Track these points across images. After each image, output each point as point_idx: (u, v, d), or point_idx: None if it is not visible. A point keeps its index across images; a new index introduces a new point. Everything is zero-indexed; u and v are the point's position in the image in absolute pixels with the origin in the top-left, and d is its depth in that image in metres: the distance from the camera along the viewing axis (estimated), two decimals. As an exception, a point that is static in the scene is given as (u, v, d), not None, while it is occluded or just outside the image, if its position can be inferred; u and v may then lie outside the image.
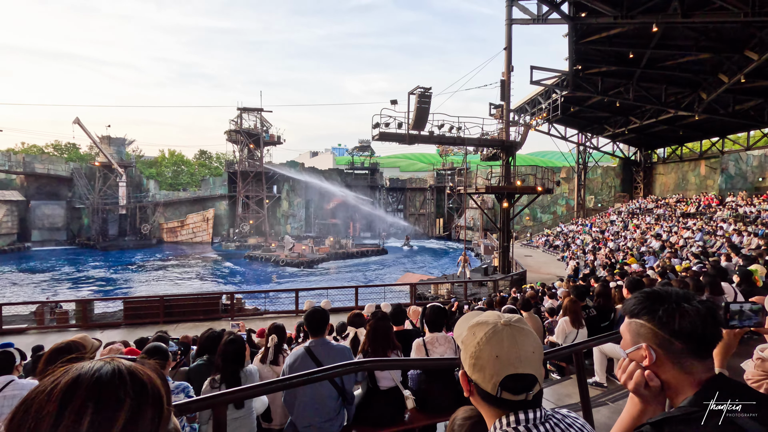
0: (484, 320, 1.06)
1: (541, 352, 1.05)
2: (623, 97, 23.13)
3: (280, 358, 3.77)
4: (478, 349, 1.00)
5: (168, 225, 44.57)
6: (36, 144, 53.93)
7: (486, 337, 1.01)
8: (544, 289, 12.05)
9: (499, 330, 1.01)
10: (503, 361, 0.97)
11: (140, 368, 0.64)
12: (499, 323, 1.03)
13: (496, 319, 1.05)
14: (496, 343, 0.99)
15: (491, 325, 1.03)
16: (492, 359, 0.98)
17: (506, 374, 0.97)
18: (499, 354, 0.98)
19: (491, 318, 1.05)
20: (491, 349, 0.99)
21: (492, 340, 1.00)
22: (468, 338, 1.04)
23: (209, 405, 1.83)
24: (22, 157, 40.04)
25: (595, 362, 4.88)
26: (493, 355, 0.98)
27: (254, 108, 43.06)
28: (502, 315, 1.07)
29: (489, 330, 1.02)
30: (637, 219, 28.04)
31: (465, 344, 1.05)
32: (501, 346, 0.99)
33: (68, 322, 12.45)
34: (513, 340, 1.00)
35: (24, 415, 0.56)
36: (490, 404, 1.00)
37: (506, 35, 19.20)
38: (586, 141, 36.57)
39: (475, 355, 1.00)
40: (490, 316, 1.07)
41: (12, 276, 28.62)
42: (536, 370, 1.00)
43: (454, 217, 50.47)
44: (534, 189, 19.12)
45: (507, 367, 0.97)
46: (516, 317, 1.06)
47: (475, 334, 1.03)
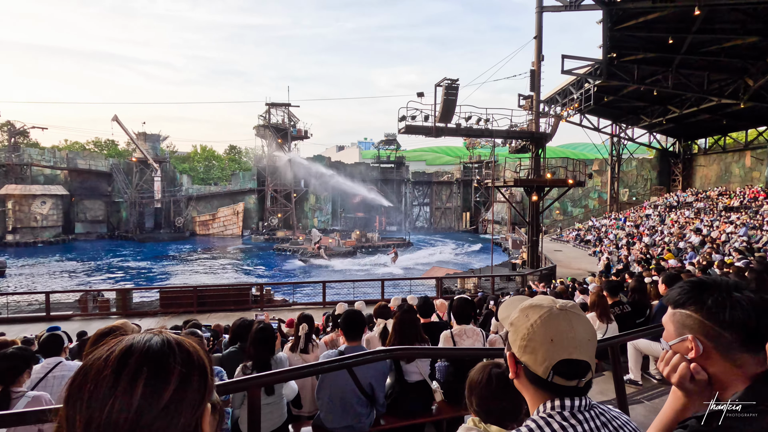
0: (538, 303, 1.04)
1: (595, 340, 1.02)
2: (661, 85, 22.08)
3: (310, 347, 3.84)
4: (531, 331, 0.98)
5: (200, 218, 46.05)
6: (78, 141, 56.72)
7: (541, 320, 0.99)
8: (574, 284, 11.73)
9: (556, 314, 0.99)
10: (558, 345, 0.96)
11: (186, 340, 0.67)
12: (554, 307, 1.01)
13: (551, 303, 1.03)
14: (551, 327, 0.97)
15: (546, 309, 1.01)
16: (546, 342, 0.96)
17: (560, 359, 0.95)
18: (555, 338, 0.96)
19: (545, 302, 1.03)
20: (546, 332, 0.97)
21: (547, 323, 0.98)
22: (520, 320, 1.02)
23: (245, 387, 1.90)
24: (65, 154, 42.24)
25: (629, 359, 4.73)
26: (548, 338, 0.96)
27: (282, 103, 43.71)
28: (557, 300, 1.05)
29: (544, 313, 1.00)
30: (675, 213, 26.81)
31: (516, 326, 1.03)
32: (557, 329, 0.97)
33: (109, 310, 13.10)
34: (570, 324, 0.98)
35: (83, 378, 0.60)
36: (537, 387, 0.98)
37: (536, 23, 18.64)
38: (621, 132, 35.17)
39: (528, 337, 0.98)
40: (544, 299, 1.05)
41: (58, 266, 30.35)
42: (590, 358, 0.98)
43: (481, 211, 49.78)
44: (565, 182, 18.59)
45: (561, 352, 0.95)
46: (571, 303, 1.04)
47: (528, 317, 1.01)
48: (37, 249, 35.81)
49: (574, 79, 24.75)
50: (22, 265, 29.83)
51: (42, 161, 39.87)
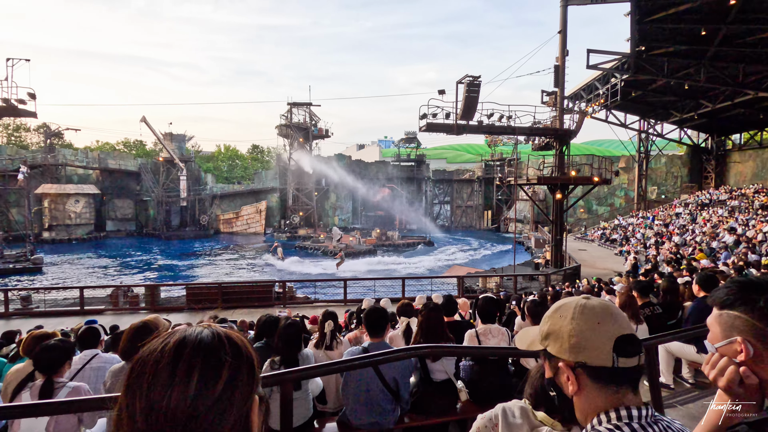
0: (562, 303, 1.01)
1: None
2: (693, 78, 21.25)
3: (334, 343, 3.87)
4: (574, 326, 0.94)
5: (224, 216, 47.05)
6: (108, 141, 58.79)
7: (578, 313, 0.95)
8: (600, 284, 11.45)
9: (588, 303, 0.97)
10: (607, 325, 0.92)
11: (235, 333, 0.69)
12: (580, 299, 0.99)
13: (576, 298, 1.00)
14: (591, 315, 0.94)
15: (575, 302, 0.98)
16: (595, 327, 0.92)
17: (618, 334, 0.91)
18: (600, 320, 0.93)
19: (570, 300, 1.00)
20: (589, 319, 0.94)
21: (585, 312, 0.95)
22: (556, 324, 0.98)
23: (278, 381, 1.95)
24: (97, 154, 43.85)
25: (660, 362, 4.58)
26: (595, 323, 0.93)
27: (303, 102, 44.16)
28: (578, 297, 1.02)
29: (577, 306, 0.97)
30: (708, 211, 25.80)
31: (556, 332, 0.97)
32: (598, 315, 0.94)
33: (138, 305, 13.55)
34: (606, 308, 0.96)
35: (142, 368, 0.62)
36: (603, 384, 0.91)
37: (561, 17, 18.22)
38: (649, 128, 34.03)
39: (575, 333, 0.93)
40: (567, 299, 1.02)
41: (91, 262, 31.57)
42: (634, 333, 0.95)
43: (503, 210, 49.10)
44: (590, 179, 18.14)
45: (614, 329, 0.92)
46: (591, 297, 1.02)
47: (563, 317, 0.97)
48: (71, 246, 37.29)
49: (599, 74, 24.10)
50: (57, 261, 31.15)
51: (75, 161, 41.48)
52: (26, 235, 30.51)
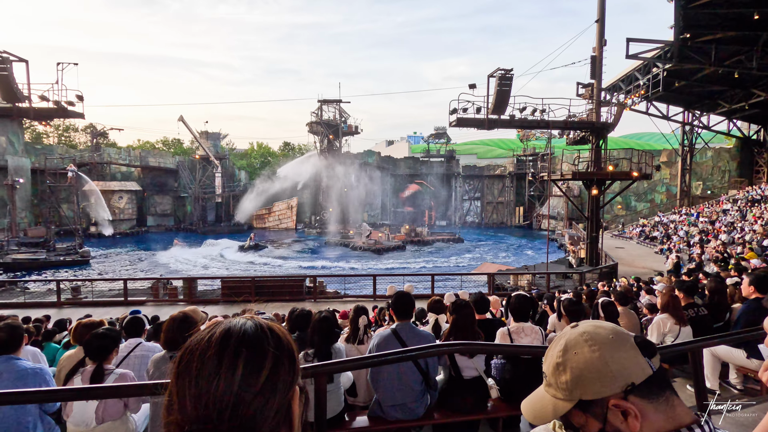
0: (561, 342, 0.89)
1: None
2: (744, 66, 19.95)
3: (365, 338, 3.92)
4: (601, 353, 0.82)
5: (257, 212, 48.31)
6: (149, 140, 61.48)
7: (590, 340, 0.84)
8: (639, 283, 10.99)
9: (587, 329, 0.87)
10: (622, 337, 0.84)
11: (276, 325, 0.71)
12: (572, 330, 0.89)
13: (566, 331, 0.90)
14: (603, 335, 0.84)
15: (573, 335, 0.88)
16: (616, 345, 0.83)
17: (631, 341, 0.84)
18: (614, 335, 0.84)
19: (563, 337, 0.90)
20: (605, 341, 0.83)
21: (595, 336, 0.84)
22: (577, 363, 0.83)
23: (314, 374, 2.00)
24: (138, 153, 46.05)
25: (705, 366, 4.36)
26: (612, 341, 0.83)
27: (333, 100, 44.58)
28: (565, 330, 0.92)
29: (581, 336, 0.86)
30: (759, 208, 24.22)
31: (584, 371, 0.82)
32: (607, 332, 0.85)
33: (177, 297, 14.15)
34: (603, 324, 0.88)
35: (190, 357, 0.65)
36: (654, 399, 0.79)
37: (599, 6, 17.52)
38: (694, 120, 32.24)
39: (606, 360, 0.81)
40: (556, 339, 0.92)
41: (136, 255, 33.22)
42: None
43: (536, 206, 47.92)
44: (629, 174, 17.41)
45: (627, 337, 0.85)
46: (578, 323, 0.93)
47: (578, 353, 0.84)
48: (116, 240, 39.35)
49: (640, 64, 23.04)
50: (103, 254, 32.95)
51: (119, 160, 43.70)
52: (75, 230, 32.40)
